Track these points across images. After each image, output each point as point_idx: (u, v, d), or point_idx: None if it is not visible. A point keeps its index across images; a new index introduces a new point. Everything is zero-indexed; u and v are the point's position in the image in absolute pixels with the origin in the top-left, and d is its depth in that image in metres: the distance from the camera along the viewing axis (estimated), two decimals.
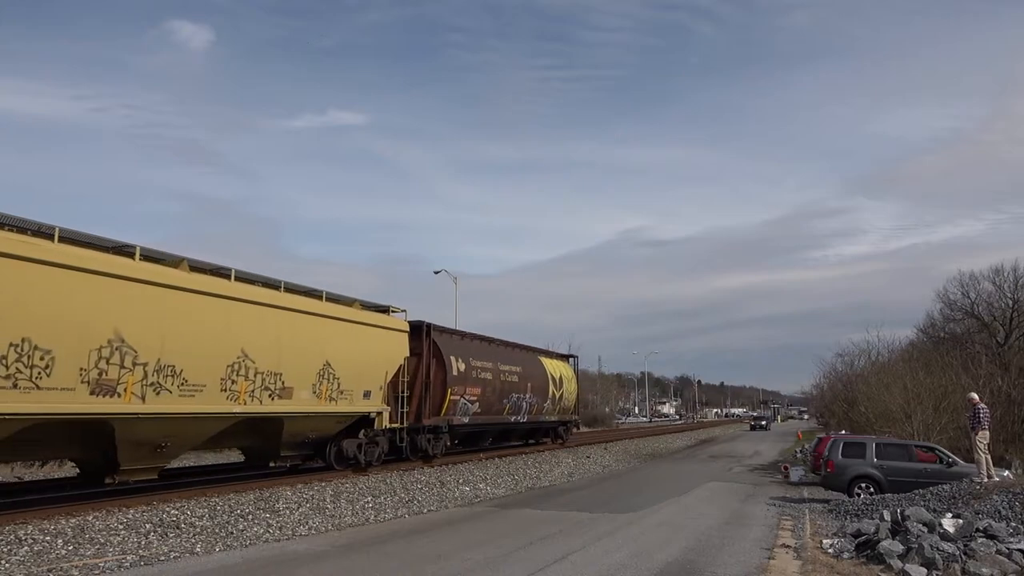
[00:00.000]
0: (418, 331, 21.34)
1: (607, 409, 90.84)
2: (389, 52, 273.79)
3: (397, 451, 20.27)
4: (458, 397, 22.53)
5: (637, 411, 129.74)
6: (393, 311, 20.13)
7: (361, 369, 17.75)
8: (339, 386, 16.86)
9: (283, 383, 15.03)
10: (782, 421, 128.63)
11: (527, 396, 27.92)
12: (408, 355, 20.08)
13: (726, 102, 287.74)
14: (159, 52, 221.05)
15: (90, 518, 11.17)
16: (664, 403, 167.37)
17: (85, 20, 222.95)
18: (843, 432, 31.37)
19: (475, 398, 23.66)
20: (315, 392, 16.08)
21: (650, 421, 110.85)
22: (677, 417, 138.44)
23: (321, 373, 16.28)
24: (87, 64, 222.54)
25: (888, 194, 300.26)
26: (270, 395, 14.74)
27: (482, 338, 26.44)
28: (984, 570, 8.95)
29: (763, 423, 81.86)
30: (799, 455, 33.66)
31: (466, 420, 23.36)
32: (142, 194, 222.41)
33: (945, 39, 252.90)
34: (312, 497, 14.49)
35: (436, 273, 47.71)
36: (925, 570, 9.06)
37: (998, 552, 9.56)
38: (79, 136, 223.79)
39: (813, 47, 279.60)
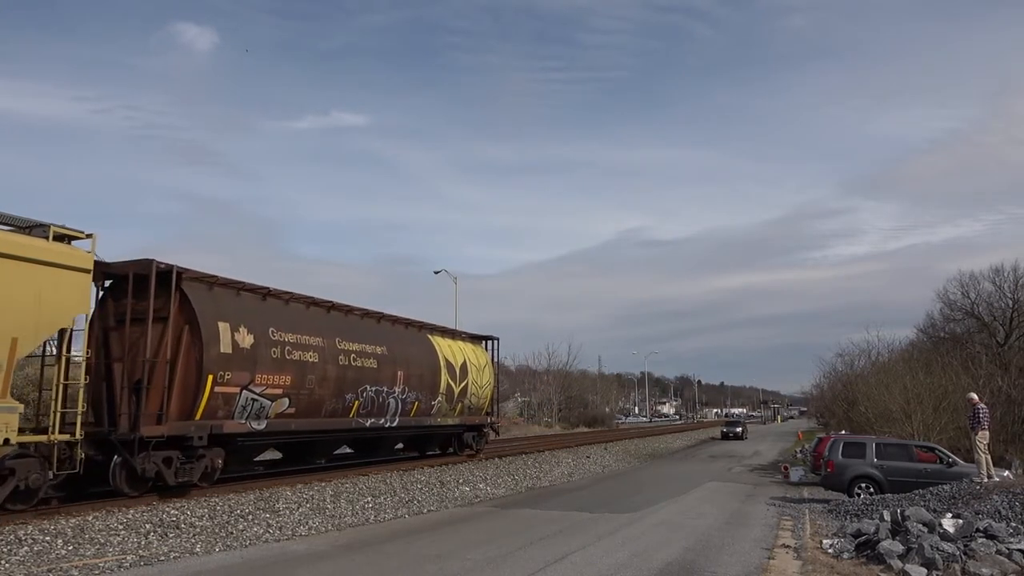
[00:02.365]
0: (144, 279, 13.35)
1: (607, 409, 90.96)
2: (390, 54, 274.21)
3: (101, 480, 12.99)
4: (233, 389, 14.55)
5: (637, 411, 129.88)
6: (69, 236, 12.20)
7: None
8: None
9: None
10: (782, 422, 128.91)
11: (398, 390, 20.07)
12: (100, 313, 13.23)
13: (726, 103, 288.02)
14: (163, 54, 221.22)
15: (90, 518, 11.19)
16: (664, 403, 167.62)
17: (89, 23, 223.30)
18: (843, 432, 31.39)
19: (282, 391, 15.83)
20: None
21: (650, 421, 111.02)
22: (677, 417, 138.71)
23: None
24: (89, 66, 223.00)
25: (887, 195, 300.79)
26: None
27: (304, 300, 17.46)
28: (984, 570, 8.96)
29: (737, 430, 58.94)
30: (799, 455, 33.72)
31: (259, 426, 15.43)
32: (143, 194, 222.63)
33: (944, 40, 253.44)
34: (312, 497, 14.50)
35: (436, 273, 47.78)
36: (925, 570, 9.06)
37: (998, 552, 9.56)
38: (80, 137, 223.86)
39: (812, 48, 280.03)
